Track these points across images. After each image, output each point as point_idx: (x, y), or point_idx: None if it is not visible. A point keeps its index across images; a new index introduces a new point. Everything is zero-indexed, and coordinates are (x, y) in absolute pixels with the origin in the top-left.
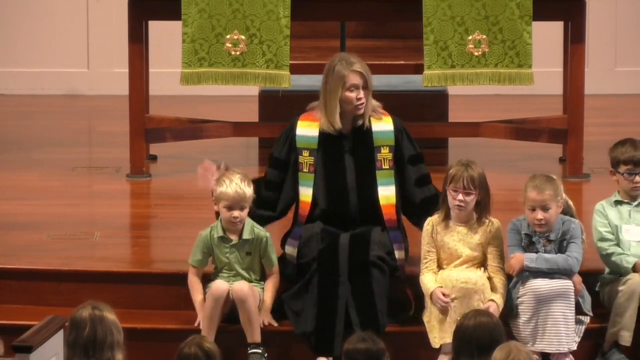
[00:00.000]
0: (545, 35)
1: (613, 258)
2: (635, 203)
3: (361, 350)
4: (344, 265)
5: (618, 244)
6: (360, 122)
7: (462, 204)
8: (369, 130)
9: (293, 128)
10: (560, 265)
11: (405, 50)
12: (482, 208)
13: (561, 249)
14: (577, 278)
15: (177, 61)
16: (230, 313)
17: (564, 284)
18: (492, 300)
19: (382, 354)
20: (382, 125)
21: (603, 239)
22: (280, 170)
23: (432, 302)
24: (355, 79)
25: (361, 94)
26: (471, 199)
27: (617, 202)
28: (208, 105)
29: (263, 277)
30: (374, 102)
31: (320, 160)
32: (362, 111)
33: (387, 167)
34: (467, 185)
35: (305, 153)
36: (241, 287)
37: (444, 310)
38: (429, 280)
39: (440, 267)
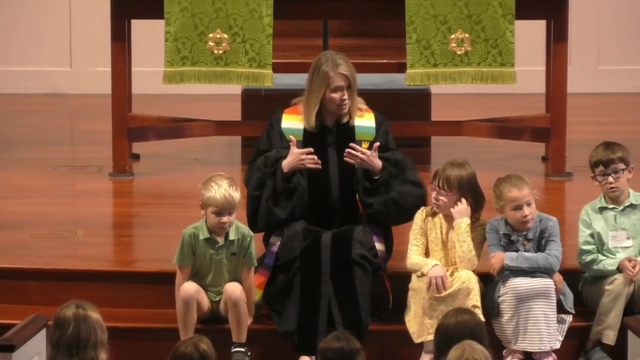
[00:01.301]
0: (527, 34)
1: (594, 266)
2: (621, 208)
3: (334, 348)
4: (326, 264)
5: (600, 251)
6: (345, 118)
7: (436, 202)
8: (352, 125)
9: (278, 121)
10: (541, 264)
11: (388, 49)
12: None
13: (540, 247)
14: (558, 277)
15: (160, 60)
16: (210, 315)
17: (544, 283)
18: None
19: (355, 353)
20: (364, 121)
21: (582, 251)
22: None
23: (429, 276)
24: (339, 81)
25: (345, 94)
26: (447, 198)
27: (602, 209)
28: (191, 104)
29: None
30: (357, 99)
31: None
32: (345, 110)
33: None
34: (442, 185)
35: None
36: (234, 288)
37: (437, 290)
38: (422, 259)
39: (426, 255)
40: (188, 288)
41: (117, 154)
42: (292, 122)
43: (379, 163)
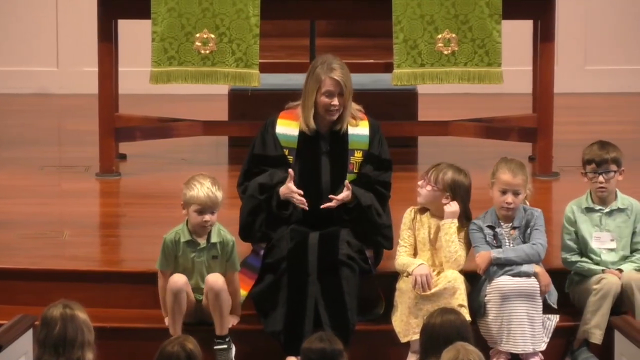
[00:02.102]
0: (514, 33)
1: (577, 265)
2: (607, 210)
3: (315, 350)
4: (313, 265)
5: (582, 253)
6: (338, 126)
7: (420, 190)
8: (345, 133)
9: (273, 125)
10: (528, 252)
11: (375, 48)
12: None
13: (525, 238)
14: (546, 279)
15: (147, 60)
16: (194, 313)
17: (528, 284)
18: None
19: (337, 354)
20: (359, 129)
21: (565, 248)
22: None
23: (414, 274)
24: (330, 86)
25: (335, 100)
26: (429, 190)
27: (588, 209)
28: (177, 104)
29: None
30: (354, 106)
31: (298, 160)
32: (335, 117)
33: (357, 170)
34: (429, 179)
35: (285, 152)
36: (215, 279)
37: (422, 288)
38: (408, 259)
39: (415, 255)
40: (177, 279)
41: (103, 154)
42: (287, 127)
43: (350, 196)
